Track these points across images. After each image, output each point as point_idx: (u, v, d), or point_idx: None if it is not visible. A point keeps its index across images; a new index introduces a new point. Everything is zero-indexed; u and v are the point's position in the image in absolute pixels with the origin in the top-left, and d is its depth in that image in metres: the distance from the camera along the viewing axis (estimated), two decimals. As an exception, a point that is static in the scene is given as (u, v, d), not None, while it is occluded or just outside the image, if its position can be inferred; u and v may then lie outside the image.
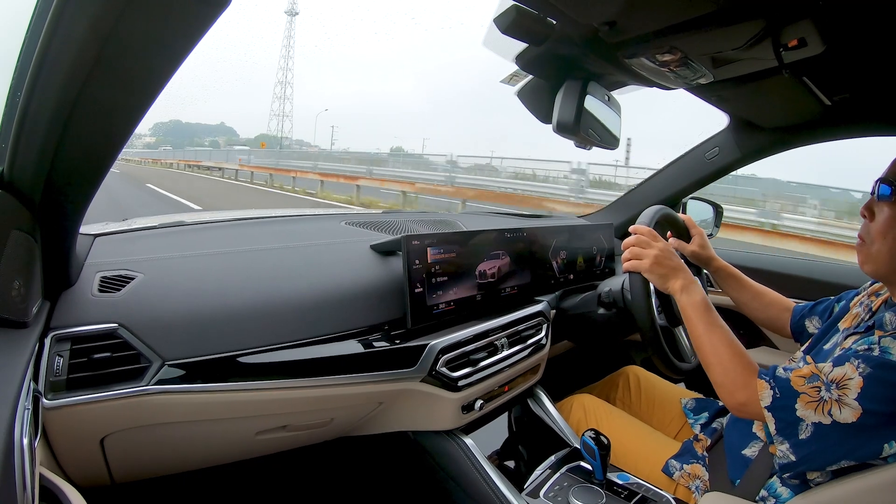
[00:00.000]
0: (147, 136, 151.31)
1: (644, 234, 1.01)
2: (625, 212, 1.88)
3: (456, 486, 1.07)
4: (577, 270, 1.52)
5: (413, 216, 1.58)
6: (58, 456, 0.77)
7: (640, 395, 1.37)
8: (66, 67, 0.49)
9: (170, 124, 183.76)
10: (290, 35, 51.00)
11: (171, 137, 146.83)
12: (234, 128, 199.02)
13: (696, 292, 0.94)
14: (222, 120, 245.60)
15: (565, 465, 1.12)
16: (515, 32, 0.86)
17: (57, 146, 0.56)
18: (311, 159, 21.43)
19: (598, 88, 1.05)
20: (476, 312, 1.16)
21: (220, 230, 1.14)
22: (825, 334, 0.98)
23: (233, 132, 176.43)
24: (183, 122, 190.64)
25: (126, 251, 0.92)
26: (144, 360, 0.76)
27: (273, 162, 22.12)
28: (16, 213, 0.61)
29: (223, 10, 0.46)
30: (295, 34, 51.05)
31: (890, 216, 0.80)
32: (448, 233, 1.11)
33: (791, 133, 1.45)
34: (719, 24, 0.77)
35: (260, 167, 20.88)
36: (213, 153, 31.93)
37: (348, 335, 0.96)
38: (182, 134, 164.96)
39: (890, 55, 0.92)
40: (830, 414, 0.74)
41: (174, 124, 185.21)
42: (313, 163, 20.09)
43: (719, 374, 0.87)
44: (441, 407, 1.06)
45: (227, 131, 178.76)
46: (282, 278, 0.96)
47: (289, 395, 0.88)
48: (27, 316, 0.64)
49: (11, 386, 0.54)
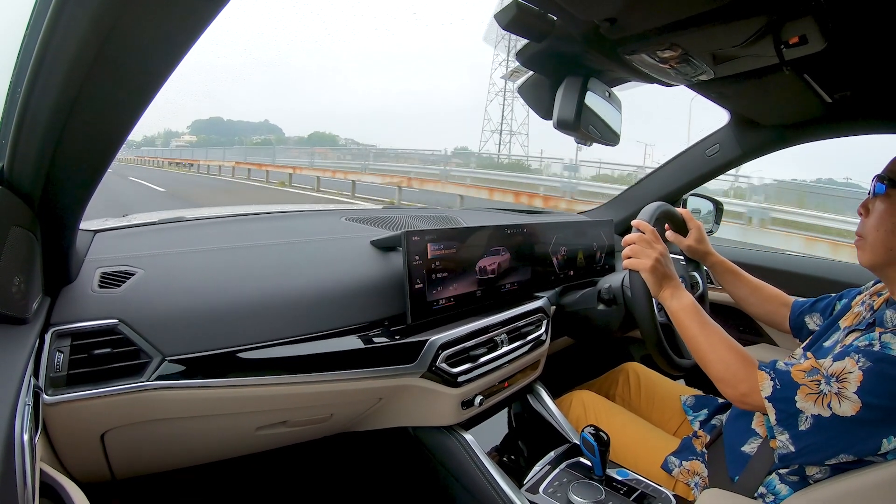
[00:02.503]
0: (186, 133, 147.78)
1: (647, 233, 1.02)
2: (625, 208, 1.88)
3: (455, 481, 1.08)
4: (578, 267, 1.52)
5: (413, 212, 1.58)
6: (58, 452, 0.77)
7: (639, 391, 1.37)
8: (67, 64, 0.48)
9: (210, 122, 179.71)
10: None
11: (215, 136, 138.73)
12: (279, 125, 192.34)
13: (685, 297, 0.97)
14: (266, 117, 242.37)
15: (565, 461, 1.12)
16: (516, 29, 0.86)
17: (57, 143, 0.56)
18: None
19: (598, 85, 1.05)
20: (476, 308, 1.16)
21: (219, 226, 1.14)
22: (826, 331, 0.98)
23: (278, 130, 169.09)
24: (224, 120, 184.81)
25: (126, 247, 0.92)
26: (144, 355, 0.77)
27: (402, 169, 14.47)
28: (16, 210, 0.61)
29: (223, 6, 0.46)
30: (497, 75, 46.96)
31: (883, 210, 0.83)
32: (448, 229, 1.10)
33: (792, 130, 1.45)
34: (720, 21, 0.76)
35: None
36: (278, 152, 23.44)
37: (348, 331, 0.96)
38: (223, 132, 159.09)
39: (891, 52, 0.92)
40: (830, 407, 0.75)
41: (214, 122, 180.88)
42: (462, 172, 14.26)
43: (720, 370, 0.87)
44: (441, 403, 1.06)
45: (272, 129, 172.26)
46: (282, 274, 0.97)
47: (289, 390, 0.89)
48: (27, 312, 0.64)
49: (12, 382, 0.55)
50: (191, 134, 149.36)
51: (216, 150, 29.69)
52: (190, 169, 26.98)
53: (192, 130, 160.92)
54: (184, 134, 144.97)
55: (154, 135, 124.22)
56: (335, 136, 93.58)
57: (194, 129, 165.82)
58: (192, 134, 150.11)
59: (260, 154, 24.85)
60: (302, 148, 31.62)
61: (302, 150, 22.67)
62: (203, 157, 28.30)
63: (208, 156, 28.34)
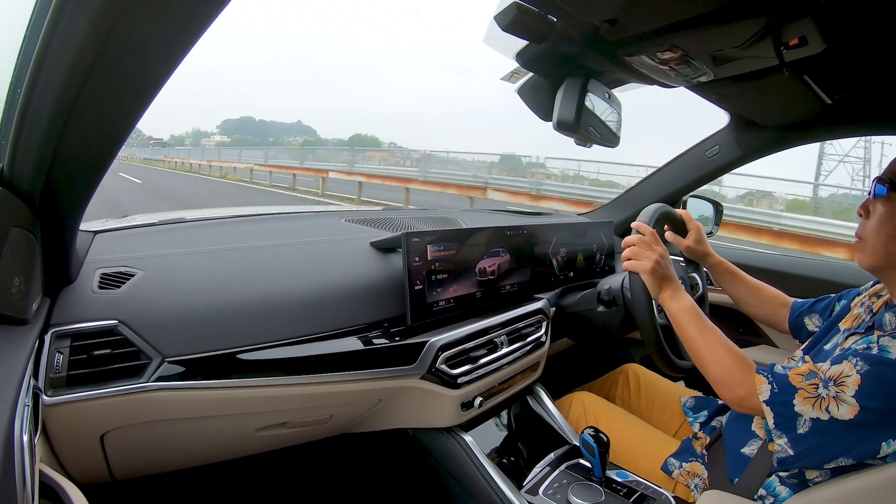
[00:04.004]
0: (216, 133, 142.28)
1: (647, 234, 1.02)
2: (625, 209, 1.88)
3: (455, 483, 1.07)
4: (577, 268, 1.52)
5: (413, 213, 1.58)
6: (58, 453, 0.77)
7: (639, 392, 1.37)
8: (66, 65, 0.48)
9: (240, 121, 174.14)
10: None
11: (249, 136, 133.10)
12: (313, 126, 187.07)
13: (684, 298, 0.97)
14: (299, 118, 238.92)
15: (564, 463, 1.12)
16: (516, 30, 0.86)
17: (57, 143, 0.56)
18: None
19: (598, 86, 1.05)
20: (476, 310, 1.16)
21: (220, 227, 1.14)
22: (825, 334, 0.98)
23: (311, 131, 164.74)
24: (256, 120, 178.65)
25: (126, 248, 0.92)
26: (144, 356, 0.77)
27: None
28: (16, 211, 0.61)
29: (223, 8, 0.46)
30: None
31: (884, 213, 0.83)
32: (448, 230, 1.10)
33: (791, 131, 1.45)
34: (720, 23, 0.77)
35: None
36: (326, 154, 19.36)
37: (348, 332, 0.96)
38: (255, 132, 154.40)
39: (890, 54, 0.92)
40: (828, 410, 0.75)
41: (246, 121, 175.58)
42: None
43: (718, 372, 0.87)
44: (440, 404, 1.06)
45: (305, 130, 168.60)
46: (282, 275, 0.97)
47: (288, 391, 0.88)
48: (27, 313, 0.64)
49: (11, 383, 0.54)
50: (221, 134, 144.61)
51: (253, 152, 24.37)
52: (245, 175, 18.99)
53: (223, 130, 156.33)
54: (213, 134, 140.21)
55: (182, 134, 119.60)
56: (376, 138, 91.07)
57: (224, 128, 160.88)
58: (221, 134, 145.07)
59: (305, 156, 19.57)
60: (341, 149, 24.47)
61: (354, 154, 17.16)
62: (237, 160, 22.33)
63: (242, 158, 22.69)
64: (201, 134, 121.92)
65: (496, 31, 0.86)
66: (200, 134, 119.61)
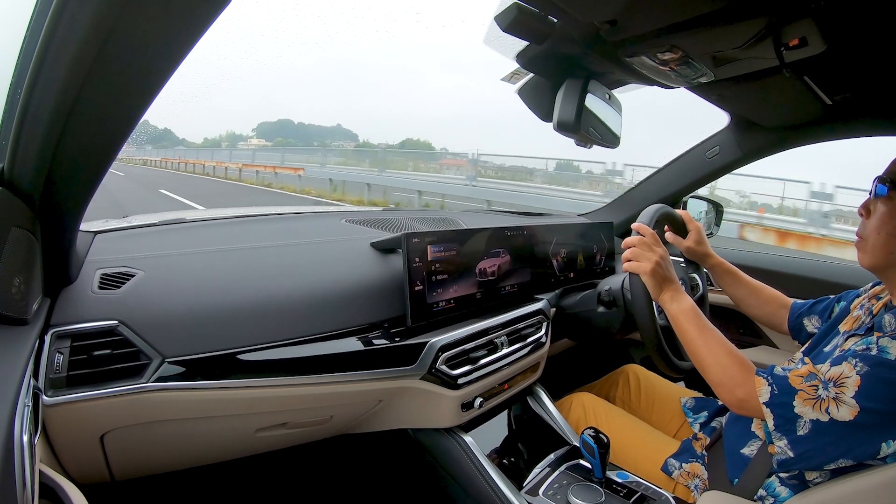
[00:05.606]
0: (252, 136, 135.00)
1: (647, 236, 1.02)
2: (625, 210, 1.88)
3: (455, 483, 1.07)
4: (577, 269, 1.52)
5: (413, 214, 1.58)
6: (58, 453, 0.77)
7: (639, 393, 1.37)
8: (67, 65, 0.48)
9: (278, 124, 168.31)
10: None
11: (291, 139, 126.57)
12: (353, 130, 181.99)
13: (685, 300, 0.97)
14: (338, 121, 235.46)
15: (565, 464, 1.12)
16: (516, 31, 0.86)
17: (57, 144, 0.56)
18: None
19: (598, 87, 1.05)
20: (476, 310, 1.16)
21: (220, 227, 1.14)
22: (825, 336, 0.98)
23: (352, 135, 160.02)
24: (295, 123, 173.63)
25: (126, 248, 0.92)
26: (144, 357, 0.77)
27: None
28: (16, 211, 0.61)
29: (223, 7, 0.46)
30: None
31: (884, 212, 0.83)
32: (448, 231, 1.10)
33: (792, 132, 1.45)
34: (720, 23, 0.77)
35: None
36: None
37: (348, 333, 0.96)
38: (294, 135, 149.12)
39: (891, 55, 0.92)
40: (828, 412, 0.75)
41: (284, 124, 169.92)
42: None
43: (718, 374, 0.87)
44: (441, 405, 1.06)
45: (345, 134, 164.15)
46: (282, 276, 0.97)
47: (288, 392, 0.88)
48: (27, 313, 0.64)
49: (11, 383, 0.54)
50: (258, 137, 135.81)
51: (297, 155, 21.18)
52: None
53: (259, 133, 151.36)
54: (250, 137, 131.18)
55: (217, 137, 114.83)
56: (429, 143, 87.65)
57: (260, 131, 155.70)
58: (258, 137, 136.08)
59: (360, 161, 17.21)
60: (399, 153, 22.13)
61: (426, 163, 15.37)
62: (278, 163, 18.99)
63: (284, 161, 19.31)
64: (238, 137, 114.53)
65: (496, 31, 0.86)
66: (237, 137, 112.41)
